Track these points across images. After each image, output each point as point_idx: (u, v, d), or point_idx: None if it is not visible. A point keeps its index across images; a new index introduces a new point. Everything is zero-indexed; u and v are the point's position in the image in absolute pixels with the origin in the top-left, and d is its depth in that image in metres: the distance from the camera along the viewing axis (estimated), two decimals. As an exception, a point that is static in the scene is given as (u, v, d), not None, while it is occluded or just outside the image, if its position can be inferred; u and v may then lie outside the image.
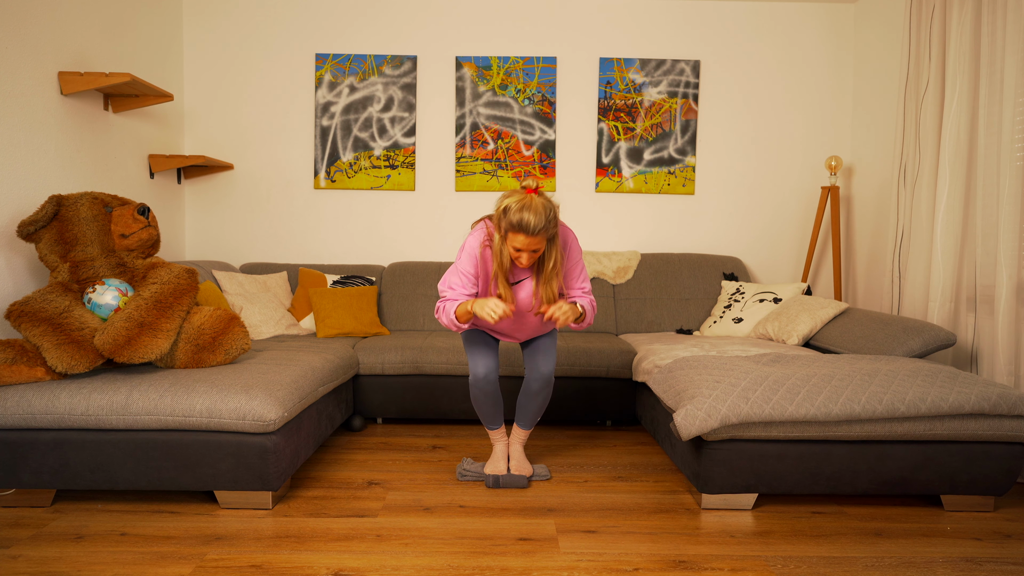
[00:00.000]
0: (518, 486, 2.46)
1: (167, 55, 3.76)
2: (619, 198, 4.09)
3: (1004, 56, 2.65)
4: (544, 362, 2.46)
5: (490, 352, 2.46)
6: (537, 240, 2.14)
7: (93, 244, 2.42)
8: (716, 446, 2.22)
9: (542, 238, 2.14)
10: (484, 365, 2.42)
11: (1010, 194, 2.62)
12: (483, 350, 2.45)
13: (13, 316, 2.19)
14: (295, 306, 3.59)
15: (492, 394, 2.47)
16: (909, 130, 3.21)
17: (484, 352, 2.44)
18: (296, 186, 4.05)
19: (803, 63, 4.03)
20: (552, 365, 2.46)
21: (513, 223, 2.11)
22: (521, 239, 2.13)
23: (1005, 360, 2.62)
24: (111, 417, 2.12)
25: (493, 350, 2.48)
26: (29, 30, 2.63)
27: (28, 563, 1.84)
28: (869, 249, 3.81)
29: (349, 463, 2.72)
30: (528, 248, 2.16)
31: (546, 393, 2.49)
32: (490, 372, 2.42)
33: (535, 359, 2.47)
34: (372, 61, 3.97)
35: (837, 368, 2.33)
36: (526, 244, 2.14)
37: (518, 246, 2.16)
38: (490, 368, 2.42)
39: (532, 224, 2.09)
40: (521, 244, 2.15)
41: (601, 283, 3.84)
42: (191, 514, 2.18)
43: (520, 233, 2.12)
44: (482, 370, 2.42)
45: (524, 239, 2.13)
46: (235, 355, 2.48)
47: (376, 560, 1.88)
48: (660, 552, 1.97)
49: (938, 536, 2.12)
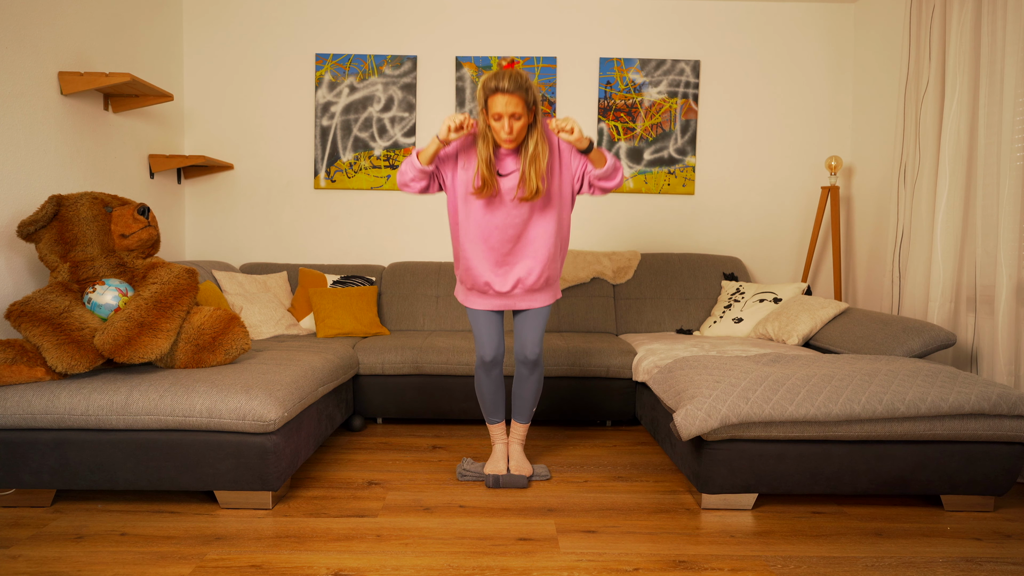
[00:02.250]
0: (518, 486, 2.46)
1: (167, 55, 3.76)
2: (619, 198, 4.09)
3: (1004, 56, 2.65)
4: (531, 338, 2.45)
5: (496, 333, 2.47)
6: (515, 100, 2.14)
7: (93, 244, 2.42)
8: (716, 446, 2.22)
9: (520, 99, 2.15)
10: (491, 346, 2.44)
11: (1010, 194, 2.62)
12: (489, 330, 2.46)
13: (13, 316, 2.19)
14: (295, 306, 3.59)
15: (497, 379, 2.51)
16: (909, 130, 3.21)
17: (490, 332, 2.46)
18: (296, 186, 4.05)
19: (803, 63, 4.03)
20: (538, 344, 2.46)
21: (490, 87, 2.16)
22: (500, 101, 2.14)
23: (1005, 360, 2.62)
24: (111, 417, 2.12)
25: (499, 330, 2.48)
26: (29, 30, 2.63)
27: (28, 563, 1.84)
28: (869, 249, 3.81)
29: (349, 463, 2.72)
30: (507, 111, 2.15)
31: (537, 377, 2.52)
32: (498, 354, 2.46)
33: (522, 337, 2.46)
34: (372, 61, 3.97)
35: (837, 368, 2.33)
36: (505, 106, 2.15)
37: (498, 110, 2.16)
38: (497, 350, 2.46)
39: (507, 83, 2.13)
40: (500, 107, 2.15)
41: (601, 283, 3.84)
42: (191, 514, 2.18)
43: (497, 94, 2.14)
44: (489, 351, 2.45)
45: (503, 99, 2.14)
46: (235, 355, 2.48)
47: (376, 560, 1.88)
48: (660, 552, 1.97)
49: (938, 536, 2.12)
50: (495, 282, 2.39)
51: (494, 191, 2.27)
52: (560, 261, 2.44)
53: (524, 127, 2.22)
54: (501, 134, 2.21)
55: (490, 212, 2.31)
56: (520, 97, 2.15)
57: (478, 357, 2.49)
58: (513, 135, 2.20)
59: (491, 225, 2.32)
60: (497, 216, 2.31)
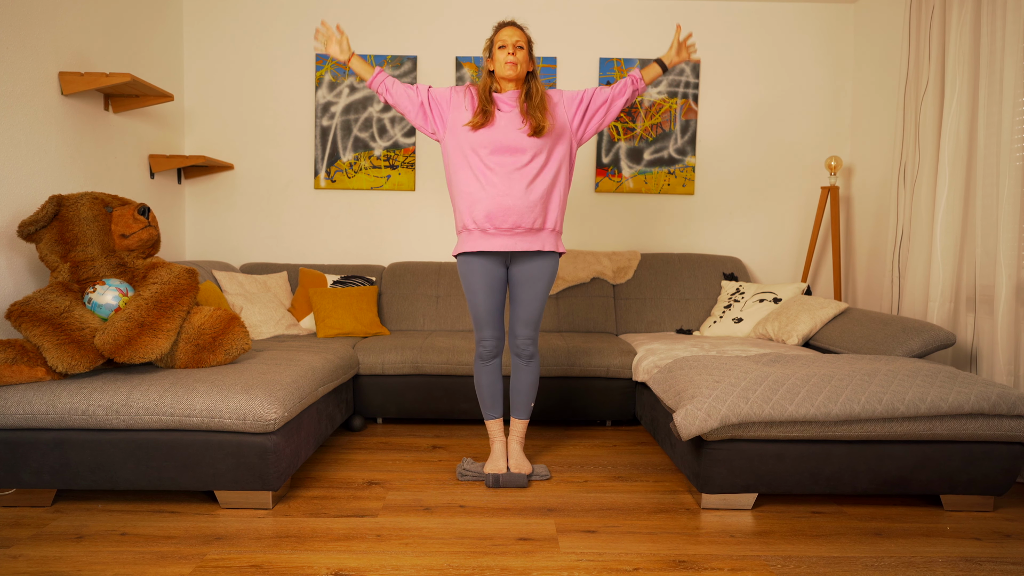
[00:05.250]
0: (518, 485, 2.46)
1: (167, 55, 3.76)
2: (619, 198, 4.09)
3: (1004, 56, 2.65)
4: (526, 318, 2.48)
5: (497, 324, 2.51)
6: (519, 32, 2.39)
7: (93, 244, 2.42)
8: (716, 446, 2.22)
9: (523, 34, 2.40)
10: (492, 337, 2.50)
11: (1010, 194, 2.62)
12: (490, 321, 2.49)
13: (13, 316, 2.19)
14: (295, 306, 3.59)
15: (495, 369, 2.56)
16: (909, 130, 3.21)
17: (491, 323, 2.49)
18: (296, 186, 4.05)
19: (803, 63, 4.04)
20: (534, 326, 2.50)
21: (497, 24, 2.42)
22: (506, 32, 2.38)
23: (1005, 360, 2.62)
24: (111, 417, 2.12)
25: (499, 321, 2.51)
26: (30, 30, 2.63)
27: (28, 563, 1.84)
28: (869, 249, 3.81)
29: (349, 463, 2.72)
30: (512, 40, 2.37)
31: (533, 368, 2.55)
32: (498, 346, 2.51)
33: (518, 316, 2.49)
34: (372, 61, 3.97)
35: (837, 368, 2.34)
36: (510, 35, 2.37)
37: (503, 41, 2.37)
38: (498, 341, 2.51)
39: (513, 20, 2.43)
40: (507, 37, 2.37)
41: (601, 283, 3.84)
42: (191, 514, 2.18)
43: (504, 27, 2.39)
44: (490, 343, 2.51)
45: (508, 31, 2.38)
46: (235, 355, 2.48)
47: (376, 560, 1.89)
48: (660, 552, 1.97)
49: (938, 536, 2.13)
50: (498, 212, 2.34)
51: (490, 120, 2.37)
52: (559, 211, 2.45)
53: (525, 59, 2.40)
54: (504, 61, 2.37)
55: (489, 137, 2.37)
56: (524, 33, 2.40)
57: (477, 344, 2.54)
58: (516, 62, 2.37)
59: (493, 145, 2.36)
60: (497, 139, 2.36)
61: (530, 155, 2.36)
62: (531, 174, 2.36)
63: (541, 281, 2.47)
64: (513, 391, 2.59)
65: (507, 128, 2.37)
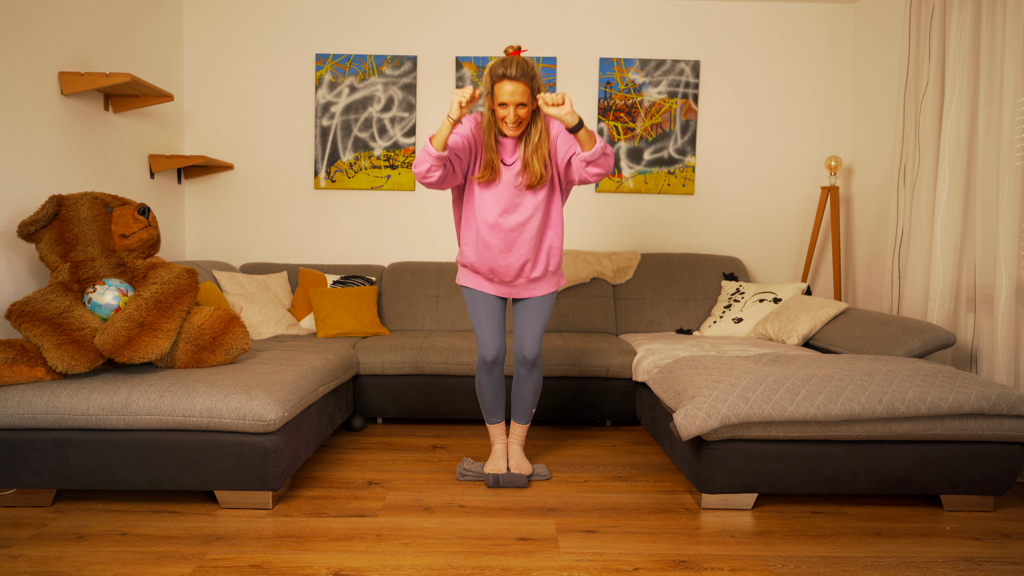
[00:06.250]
0: (518, 485, 2.46)
1: (167, 55, 3.76)
2: (619, 198, 4.09)
3: (1004, 56, 2.65)
4: (530, 336, 2.46)
5: (498, 329, 2.48)
6: (521, 88, 2.17)
7: (93, 244, 2.42)
8: (716, 446, 2.22)
9: (525, 87, 2.17)
10: (493, 344, 2.46)
11: (1010, 194, 2.62)
12: (491, 326, 2.47)
13: (13, 316, 2.19)
14: (295, 306, 3.59)
15: (497, 378, 2.53)
16: (909, 130, 3.21)
17: (491, 328, 2.47)
18: (296, 186, 4.05)
19: (803, 63, 4.04)
20: (537, 344, 2.48)
21: (497, 73, 2.18)
22: (506, 89, 2.17)
23: (1004, 360, 2.62)
24: (111, 417, 2.12)
25: (500, 327, 2.49)
26: (30, 30, 2.63)
27: (28, 563, 1.84)
28: (869, 249, 3.81)
29: (349, 463, 2.72)
30: (513, 100, 2.18)
31: (536, 377, 2.53)
32: (499, 353, 2.47)
33: (522, 335, 2.48)
34: (372, 61, 3.97)
35: (837, 368, 2.34)
36: (511, 94, 2.17)
37: (503, 99, 2.18)
38: (499, 348, 2.47)
39: (514, 71, 2.15)
40: (506, 96, 2.17)
41: (601, 283, 3.84)
42: (191, 514, 2.18)
43: (504, 81, 2.17)
44: (491, 350, 2.46)
45: (509, 87, 2.16)
46: (235, 355, 2.48)
47: (376, 560, 1.89)
48: (660, 552, 1.97)
49: (938, 536, 2.13)
50: (500, 269, 2.38)
51: (497, 176, 2.30)
52: (559, 253, 2.44)
53: (528, 114, 2.25)
54: (507, 121, 2.23)
55: (494, 199, 2.32)
56: (526, 85, 2.18)
57: (479, 356, 2.50)
58: (519, 120, 2.23)
59: (497, 209, 2.32)
60: (501, 202, 2.32)
61: (531, 210, 2.33)
62: (533, 231, 2.34)
63: (543, 310, 2.49)
64: (515, 397, 2.58)
65: (510, 184, 2.31)
